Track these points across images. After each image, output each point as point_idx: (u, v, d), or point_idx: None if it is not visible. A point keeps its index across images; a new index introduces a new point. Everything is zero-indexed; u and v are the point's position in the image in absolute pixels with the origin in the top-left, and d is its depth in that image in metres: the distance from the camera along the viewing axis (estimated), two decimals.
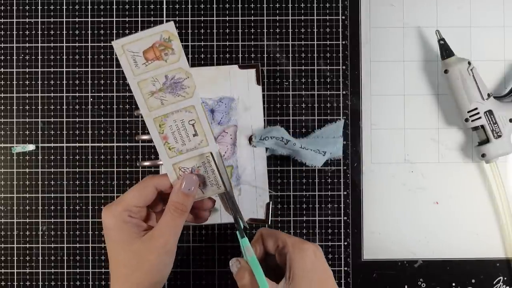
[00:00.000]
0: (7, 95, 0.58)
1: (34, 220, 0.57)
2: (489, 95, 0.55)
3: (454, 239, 0.58)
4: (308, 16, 0.58)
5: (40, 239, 0.57)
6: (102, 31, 0.58)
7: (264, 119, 0.57)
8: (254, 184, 0.56)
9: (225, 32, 0.58)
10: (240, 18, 0.58)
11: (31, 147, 0.58)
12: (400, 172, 0.58)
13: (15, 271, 0.57)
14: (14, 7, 0.58)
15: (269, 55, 0.58)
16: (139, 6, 0.58)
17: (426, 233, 0.58)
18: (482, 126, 0.55)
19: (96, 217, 0.58)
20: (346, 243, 0.58)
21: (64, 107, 0.58)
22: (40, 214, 0.58)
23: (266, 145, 0.56)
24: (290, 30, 0.58)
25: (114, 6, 0.58)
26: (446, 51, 0.56)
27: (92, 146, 0.58)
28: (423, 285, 0.57)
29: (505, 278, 0.57)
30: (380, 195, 0.58)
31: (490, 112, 0.55)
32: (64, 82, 0.58)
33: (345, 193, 0.58)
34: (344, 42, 0.58)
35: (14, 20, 0.58)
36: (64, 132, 0.58)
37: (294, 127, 0.58)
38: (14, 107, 0.58)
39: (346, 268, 0.58)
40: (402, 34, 0.59)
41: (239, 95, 0.56)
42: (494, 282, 0.57)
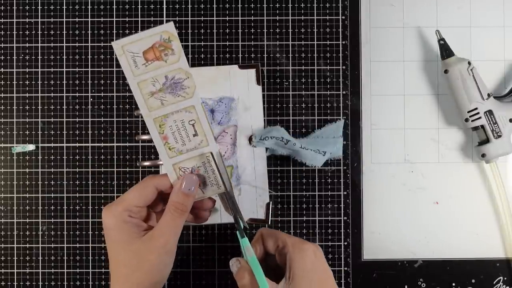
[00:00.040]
0: (7, 95, 0.58)
1: (34, 220, 0.58)
2: (489, 95, 0.55)
3: (454, 239, 0.58)
4: (308, 16, 0.58)
5: (40, 239, 0.58)
6: (102, 31, 0.58)
7: (264, 119, 0.57)
8: (254, 184, 0.56)
9: (225, 32, 0.58)
10: (240, 18, 0.58)
11: (31, 147, 0.58)
12: (400, 172, 0.58)
13: (15, 271, 0.57)
14: (14, 7, 0.58)
15: (269, 55, 0.58)
16: (139, 6, 0.58)
17: (426, 233, 0.58)
18: (482, 126, 0.55)
19: (96, 217, 0.58)
20: (346, 243, 0.58)
21: (64, 107, 0.58)
22: (40, 214, 0.58)
23: (266, 145, 0.56)
24: (290, 30, 0.58)
25: (114, 6, 0.58)
26: (446, 51, 0.56)
27: (92, 146, 0.58)
28: (423, 285, 0.57)
29: (505, 278, 0.57)
30: (380, 195, 0.58)
31: (490, 112, 0.55)
32: (64, 82, 0.58)
33: (345, 193, 0.58)
34: (344, 42, 0.58)
35: (14, 20, 0.58)
36: (64, 132, 0.58)
37: (294, 127, 0.58)
38: (14, 107, 0.58)
39: (346, 268, 0.58)
40: (402, 34, 0.59)
41: (239, 95, 0.56)
42: (494, 282, 0.57)
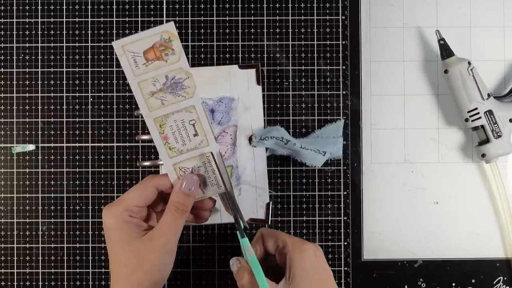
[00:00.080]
0: (7, 95, 0.58)
1: (34, 220, 0.57)
2: (489, 95, 0.55)
3: (454, 239, 0.58)
4: (308, 16, 0.58)
5: (40, 239, 0.57)
6: (102, 31, 0.58)
7: (264, 119, 0.57)
8: (254, 184, 0.56)
9: (225, 32, 0.58)
10: (240, 18, 0.58)
11: (31, 147, 0.58)
12: (400, 172, 0.58)
13: (15, 271, 0.57)
14: (14, 7, 0.58)
15: (269, 55, 0.58)
16: (139, 6, 0.58)
17: (426, 233, 0.58)
18: (482, 126, 0.55)
19: (96, 217, 0.58)
20: (346, 243, 0.58)
21: (64, 107, 0.58)
22: (40, 214, 0.58)
23: (266, 145, 0.56)
24: (290, 30, 0.58)
25: (114, 6, 0.58)
26: (446, 51, 0.56)
27: (92, 146, 0.58)
28: (423, 285, 0.57)
29: (505, 278, 0.57)
30: (380, 195, 0.58)
31: (490, 112, 0.55)
32: (64, 82, 0.58)
33: (345, 193, 0.58)
34: (344, 42, 0.58)
35: (14, 20, 0.58)
36: (64, 132, 0.58)
37: (294, 127, 0.58)
38: (14, 107, 0.58)
39: (346, 268, 0.58)
40: (402, 34, 0.59)
41: (239, 95, 0.56)
42: (494, 282, 0.57)
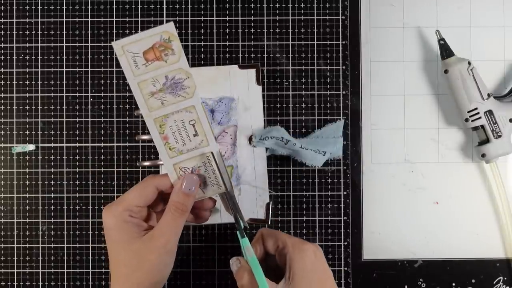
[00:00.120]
0: (7, 95, 0.58)
1: (34, 220, 0.57)
2: (489, 95, 0.55)
3: (454, 239, 0.58)
4: (308, 16, 0.58)
5: (40, 239, 0.57)
6: (102, 31, 0.58)
7: (264, 119, 0.57)
8: (254, 184, 0.56)
9: (225, 32, 0.58)
10: (240, 18, 0.58)
11: (31, 147, 0.58)
12: (400, 172, 0.58)
13: (15, 271, 0.57)
14: (14, 7, 0.58)
15: (269, 55, 0.58)
16: (139, 6, 0.58)
17: (426, 233, 0.58)
18: (482, 126, 0.55)
19: (96, 217, 0.58)
20: (346, 243, 0.58)
21: (64, 107, 0.58)
22: (40, 214, 0.58)
23: (266, 145, 0.56)
24: (290, 30, 0.58)
25: (114, 6, 0.58)
26: (446, 51, 0.56)
27: (92, 146, 0.58)
28: (423, 285, 0.57)
29: (505, 278, 0.57)
30: (380, 195, 0.58)
31: (490, 112, 0.55)
32: (64, 82, 0.58)
33: (345, 193, 0.58)
34: (344, 42, 0.58)
35: (14, 20, 0.58)
36: (64, 132, 0.58)
37: (294, 127, 0.58)
38: (14, 107, 0.58)
39: (346, 268, 0.58)
40: (402, 34, 0.59)
41: (239, 95, 0.56)
42: (494, 282, 0.57)
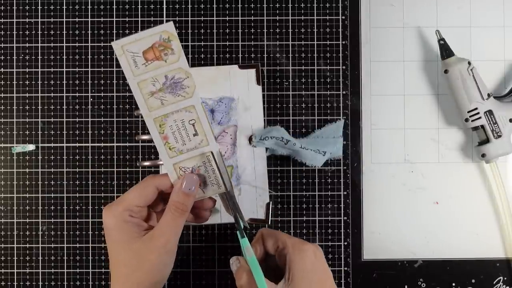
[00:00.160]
0: (7, 95, 0.58)
1: (34, 220, 0.57)
2: (489, 95, 0.55)
3: (454, 239, 0.58)
4: (308, 16, 0.58)
5: (40, 239, 0.57)
6: (102, 31, 0.58)
7: (264, 119, 0.57)
8: (254, 184, 0.56)
9: (225, 32, 0.58)
10: (240, 18, 0.58)
11: (31, 147, 0.58)
12: (400, 172, 0.58)
13: (15, 271, 0.57)
14: (14, 7, 0.58)
15: (269, 55, 0.58)
16: (139, 6, 0.58)
17: (426, 233, 0.58)
18: (482, 126, 0.55)
19: (96, 217, 0.58)
20: (346, 243, 0.58)
21: (64, 107, 0.58)
22: (40, 214, 0.58)
23: (266, 145, 0.56)
24: (290, 30, 0.58)
25: (114, 6, 0.58)
26: (446, 51, 0.56)
27: (92, 146, 0.58)
28: (423, 285, 0.57)
29: (505, 278, 0.57)
30: (380, 195, 0.58)
31: (490, 112, 0.55)
32: (64, 82, 0.58)
33: (345, 193, 0.58)
34: (344, 42, 0.58)
35: (14, 20, 0.58)
36: (64, 132, 0.58)
37: (294, 127, 0.58)
38: (14, 107, 0.58)
39: (346, 268, 0.58)
40: (402, 34, 0.59)
41: (239, 95, 0.56)
42: (494, 282, 0.57)
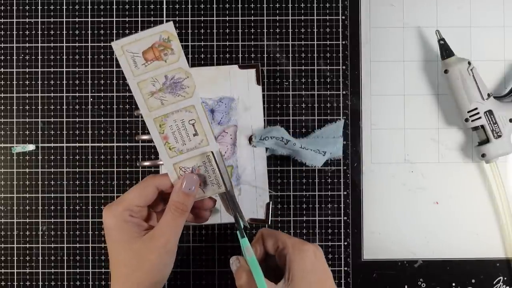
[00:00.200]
0: (7, 95, 0.58)
1: (34, 220, 0.57)
2: (489, 95, 0.55)
3: (454, 239, 0.58)
4: (308, 16, 0.58)
5: (40, 239, 0.57)
6: (102, 31, 0.58)
7: (264, 119, 0.57)
8: (254, 184, 0.56)
9: (225, 32, 0.58)
10: (240, 18, 0.58)
11: (31, 147, 0.58)
12: (400, 172, 0.58)
13: (15, 271, 0.57)
14: (14, 7, 0.58)
15: (269, 55, 0.58)
16: (139, 6, 0.58)
17: (426, 233, 0.58)
18: (482, 126, 0.55)
19: (96, 217, 0.58)
20: (346, 243, 0.58)
21: (64, 107, 0.58)
22: (40, 214, 0.58)
23: (266, 145, 0.56)
24: (290, 30, 0.58)
25: (114, 6, 0.58)
26: (446, 51, 0.56)
27: (92, 146, 0.58)
28: (423, 285, 0.57)
29: (505, 278, 0.57)
30: (380, 195, 0.58)
31: (490, 112, 0.55)
32: (64, 82, 0.58)
33: (345, 193, 0.58)
34: (344, 42, 0.58)
35: (14, 20, 0.58)
36: (64, 132, 0.58)
37: (294, 127, 0.58)
38: (14, 107, 0.58)
39: (346, 268, 0.58)
40: (402, 34, 0.59)
41: (239, 95, 0.56)
42: (494, 282, 0.57)
